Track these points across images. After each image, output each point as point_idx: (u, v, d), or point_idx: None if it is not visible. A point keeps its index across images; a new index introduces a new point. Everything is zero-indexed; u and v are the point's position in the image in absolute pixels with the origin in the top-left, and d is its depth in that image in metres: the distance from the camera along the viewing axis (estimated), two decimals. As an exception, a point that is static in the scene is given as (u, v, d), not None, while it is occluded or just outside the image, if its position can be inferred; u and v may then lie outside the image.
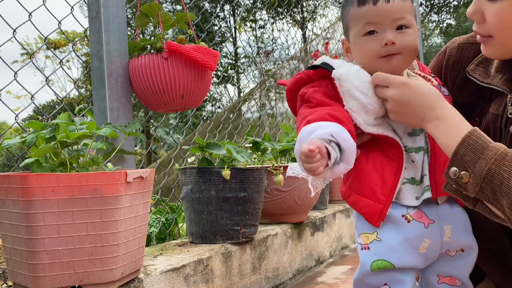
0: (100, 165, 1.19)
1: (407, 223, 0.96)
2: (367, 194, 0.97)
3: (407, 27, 0.95)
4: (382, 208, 0.95)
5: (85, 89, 10.96)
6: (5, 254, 1.10)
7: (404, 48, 0.95)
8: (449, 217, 0.99)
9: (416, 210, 0.97)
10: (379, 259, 0.97)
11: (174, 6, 9.81)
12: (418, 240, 0.96)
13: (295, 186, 2.03)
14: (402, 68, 0.99)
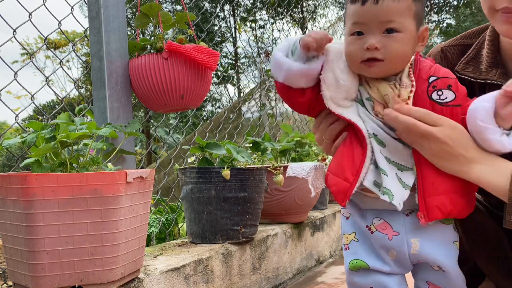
0: (100, 165, 1.19)
1: (371, 233, 0.96)
2: (338, 172, 0.94)
3: (396, 31, 0.87)
4: (348, 186, 0.91)
5: (85, 89, 10.97)
6: (5, 254, 1.10)
7: (389, 55, 0.88)
8: (418, 230, 0.93)
9: (381, 221, 0.95)
10: (355, 258, 0.98)
11: (174, 6, 9.82)
12: (384, 249, 0.95)
13: (295, 186, 2.03)
14: (383, 75, 0.92)
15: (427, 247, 0.93)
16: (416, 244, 0.93)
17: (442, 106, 0.91)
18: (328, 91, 0.93)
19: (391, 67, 0.90)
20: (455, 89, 0.92)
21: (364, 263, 0.97)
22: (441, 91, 0.92)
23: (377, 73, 0.91)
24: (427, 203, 0.89)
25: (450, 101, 0.91)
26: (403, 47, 0.88)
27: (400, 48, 0.88)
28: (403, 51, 0.89)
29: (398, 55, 0.89)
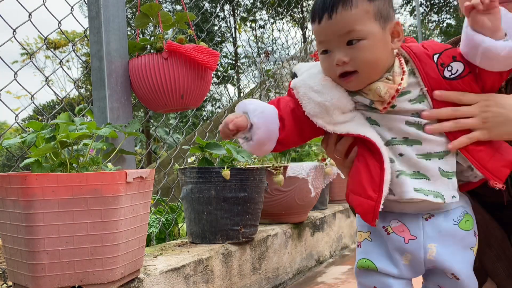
0: (100, 165, 1.19)
1: (387, 235, 0.93)
2: (359, 191, 0.91)
3: (359, 40, 0.84)
4: (374, 205, 0.88)
5: (85, 89, 10.97)
6: (5, 254, 1.10)
7: (359, 66, 0.85)
8: (437, 235, 0.91)
9: (399, 223, 0.92)
10: (365, 257, 0.96)
11: (174, 6, 9.82)
12: (398, 252, 0.93)
13: (295, 186, 2.02)
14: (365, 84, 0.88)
15: (444, 254, 0.91)
16: (433, 250, 0.91)
17: (458, 80, 0.88)
18: (320, 119, 0.90)
19: (367, 76, 0.87)
20: (460, 58, 0.88)
21: (373, 264, 0.95)
22: (450, 66, 0.88)
23: (357, 86, 0.89)
24: (490, 169, 0.87)
25: (462, 72, 0.88)
26: (371, 53, 0.85)
27: (368, 55, 0.85)
28: (372, 57, 0.85)
29: (368, 63, 0.86)
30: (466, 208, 0.94)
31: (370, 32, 0.84)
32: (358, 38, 0.84)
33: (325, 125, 0.90)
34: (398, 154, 0.89)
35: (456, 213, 0.92)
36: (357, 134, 0.89)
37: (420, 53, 0.90)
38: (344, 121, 0.90)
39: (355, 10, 0.84)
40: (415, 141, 0.88)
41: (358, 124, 0.91)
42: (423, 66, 0.89)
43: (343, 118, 0.90)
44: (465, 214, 0.93)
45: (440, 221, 0.91)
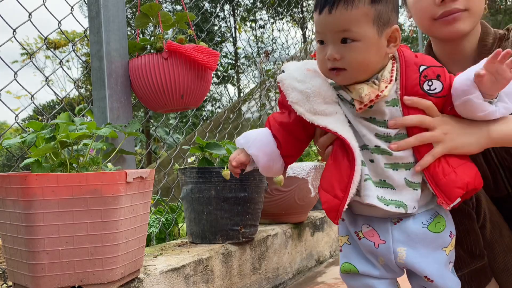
0: (100, 165, 1.19)
1: (359, 240, 0.96)
2: (327, 189, 0.92)
3: (353, 40, 0.85)
4: (339, 204, 0.89)
5: (85, 89, 10.97)
6: (5, 254, 1.10)
7: (349, 65, 0.87)
8: (406, 239, 0.92)
9: (369, 228, 0.94)
10: (346, 261, 0.99)
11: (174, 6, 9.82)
12: (372, 255, 0.96)
13: (295, 186, 2.03)
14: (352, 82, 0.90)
15: (414, 257, 0.92)
16: (402, 254, 0.92)
17: (431, 97, 0.90)
18: (301, 106, 0.91)
19: (355, 75, 0.89)
20: (443, 79, 0.91)
21: (354, 267, 0.97)
22: (431, 81, 0.90)
23: (343, 82, 0.90)
24: (442, 187, 0.88)
25: (438, 92, 0.91)
26: (363, 55, 0.86)
27: (359, 57, 0.86)
28: (362, 59, 0.87)
29: (358, 63, 0.87)
30: (439, 210, 0.95)
31: (364, 35, 0.86)
32: (352, 38, 0.86)
33: (305, 113, 0.91)
34: (369, 160, 0.91)
35: (426, 216, 0.93)
36: (334, 131, 0.90)
37: (409, 58, 0.92)
38: (324, 112, 0.91)
39: (355, 11, 0.84)
40: (386, 151, 0.90)
41: (338, 121, 0.91)
42: (407, 71, 0.90)
43: (324, 108, 0.91)
44: (436, 216, 0.94)
45: (408, 225, 0.92)
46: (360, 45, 0.86)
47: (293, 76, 0.93)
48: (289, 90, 0.92)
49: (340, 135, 0.89)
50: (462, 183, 0.88)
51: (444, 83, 0.91)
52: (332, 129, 0.90)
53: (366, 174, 0.90)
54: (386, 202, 0.89)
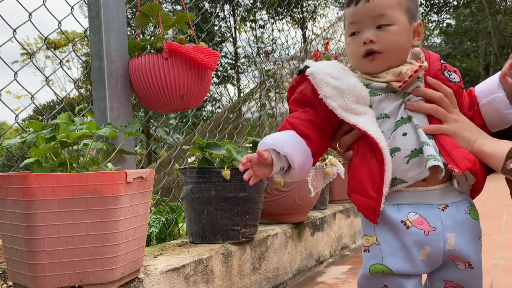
0: (100, 165, 1.19)
1: (406, 229, 0.93)
2: (360, 191, 0.94)
3: (388, 25, 0.94)
4: (375, 204, 0.91)
5: (85, 89, 10.97)
6: (5, 254, 1.10)
7: (385, 47, 0.94)
8: (454, 225, 0.94)
9: (417, 216, 0.93)
10: (377, 263, 0.96)
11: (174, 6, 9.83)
12: (417, 247, 0.93)
13: (295, 186, 2.03)
14: (386, 67, 0.96)
15: (462, 243, 0.94)
16: (452, 240, 0.93)
17: (451, 83, 0.99)
18: (334, 101, 0.93)
19: (391, 58, 0.95)
20: (459, 74, 1.01)
21: (387, 268, 0.95)
22: (450, 72, 1.00)
23: (379, 66, 0.96)
24: (453, 156, 0.92)
25: (457, 82, 1.00)
26: (398, 38, 0.94)
27: (394, 39, 0.94)
28: (398, 42, 0.95)
29: (394, 46, 0.94)
30: (471, 200, 0.99)
31: (399, 20, 0.94)
32: (388, 23, 0.94)
33: (337, 108, 0.93)
34: (403, 134, 0.94)
35: (465, 203, 0.97)
36: (363, 130, 0.92)
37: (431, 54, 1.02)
38: (355, 111, 0.94)
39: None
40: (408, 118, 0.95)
41: (368, 120, 0.94)
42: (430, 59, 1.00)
43: (356, 107, 0.94)
44: (472, 205, 0.98)
45: (454, 211, 0.95)
46: (396, 28, 0.94)
47: (326, 71, 0.96)
48: (321, 84, 0.94)
49: (369, 134, 0.92)
50: (470, 158, 0.93)
51: (460, 77, 1.01)
52: (362, 127, 0.92)
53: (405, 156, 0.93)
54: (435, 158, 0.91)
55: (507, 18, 14.27)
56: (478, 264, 0.96)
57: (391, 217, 0.94)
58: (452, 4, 15.96)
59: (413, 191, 0.94)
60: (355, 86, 0.94)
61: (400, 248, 0.94)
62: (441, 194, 0.94)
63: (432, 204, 0.94)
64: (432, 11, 16.10)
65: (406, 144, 0.93)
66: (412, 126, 0.94)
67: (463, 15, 15.45)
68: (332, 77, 0.94)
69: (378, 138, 0.91)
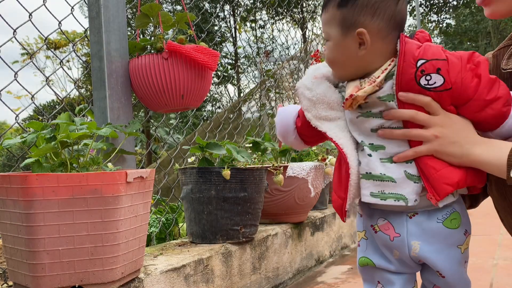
0: (101, 165, 1.19)
1: (375, 233, 0.98)
2: (335, 189, 1.00)
3: (327, 40, 0.96)
4: (342, 203, 0.96)
5: (85, 89, 10.97)
6: (5, 254, 1.11)
7: (326, 60, 0.98)
8: (420, 233, 0.93)
9: (385, 222, 0.96)
10: (363, 256, 1.02)
11: (174, 6, 9.83)
12: (387, 249, 0.97)
13: (295, 186, 2.03)
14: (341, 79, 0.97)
15: (427, 251, 0.93)
16: (416, 247, 0.93)
17: (430, 91, 0.88)
18: (309, 113, 0.98)
19: (337, 71, 0.97)
20: (444, 72, 0.86)
21: (371, 261, 1.00)
22: (429, 75, 0.87)
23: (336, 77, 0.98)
24: (432, 182, 0.88)
25: (438, 86, 0.87)
26: (331, 54, 0.95)
27: (328, 54, 0.96)
28: (331, 57, 0.95)
29: (329, 61, 0.96)
30: (456, 207, 0.95)
31: (331, 35, 0.94)
32: (326, 38, 0.96)
33: (311, 119, 0.98)
34: (368, 155, 0.93)
35: (442, 211, 0.93)
36: (330, 137, 0.96)
37: (409, 51, 0.89)
38: (328, 118, 0.97)
39: (327, 15, 0.95)
40: (380, 146, 0.92)
41: (338, 127, 0.97)
42: (403, 66, 0.88)
43: (329, 113, 0.97)
44: (452, 212, 0.94)
45: (423, 219, 0.93)
46: (329, 44, 0.95)
47: (304, 84, 1.01)
48: (301, 98, 1.00)
49: (335, 141, 0.95)
50: (452, 181, 0.88)
51: (446, 76, 0.86)
52: (330, 135, 0.96)
53: (361, 173, 0.93)
54: (384, 196, 0.90)
55: (507, 18, 14.28)
56: (450, 273, 0.94)
57: (365, 222, 1.01)
58: (452, 4, 15.95)
59: None
60: (325, 94, 0.97)
61: (377, 248, 1.00)
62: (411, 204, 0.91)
63: (401, 212, 0.94)
64: (432, 11, 16.10)
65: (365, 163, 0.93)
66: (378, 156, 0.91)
67: (462, 15, 15.45)
68: (307, 88, 0.99)
69: (342, 145, 0.94)
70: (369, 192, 0.92)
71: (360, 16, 0.90)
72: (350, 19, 0.90)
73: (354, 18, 0.90)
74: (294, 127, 1.06)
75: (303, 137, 1.07)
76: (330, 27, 0.93)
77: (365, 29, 0.88)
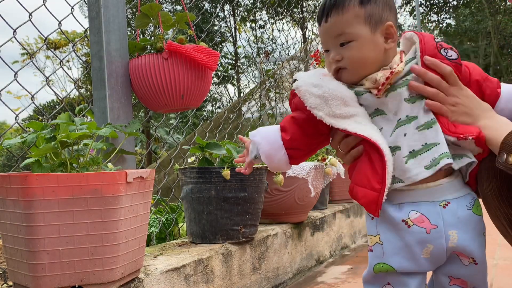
0: (100, 165, 1.19)
1: (407, 228, 0.94)
2: (363, 183, 0.95)
3: (349, 41, 0.94)
4: (377, 196, 0.92)
5: (85, 89, 10.98)
6: (5, 254, 1.11)
7: (349, 63, 0.95)
8: (456, 221, 0.93)
9: (418, 214, 0.93)
10: (380, 262, 0.97)
11: (174, 6, 9.83)
12: (419, 245, 0.94)
13: (295, 186, 2.03)
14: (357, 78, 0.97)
15: (465, 239, 0.93)
16: (454, 237, 0.93)
17: (450, 61, 0.97)
18: (320, 111, 0.95)
19: (356, 72, 0.96)
20: (456, 51, 0.99)
21: (390, 267, 0.96)
22: (446, 50, 0.98)
23: (349, 79, 0.98)
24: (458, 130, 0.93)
25: (455, 59, 0.98)
26: (358, 53, 0.94)
27: (355, 54, 0.95)
28: (359, 56, 0.95)
29: (356, 60, 0.95)
30: (474, 195, 0.98)
31: (358, 34, 0.94)
32: (348, 40, 0.95)
33: (324, 117, 0.95)
34: (403, 134, 0.94)
35: (467, 199, 0.96)
36: (353, 132, 0.94)
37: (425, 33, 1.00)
38: (343, 115, 0.95)
39: (346, 15, 0.94)
40: (414, 117, 0.95)
41: (358, 122, 0.95)
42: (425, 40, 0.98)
43: (344, 110, 0.95)
44: (476, 199, 0.97)
45: (456, 208, 0.94)
46: (355, 44, 0.94)
47: (308, 82, 0.98)
48: (306, 96, 0.96)
49: (360, 134, 0.93)
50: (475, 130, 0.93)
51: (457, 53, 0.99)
52: (352, 130, 0.94)
53: (404, 156, 0.93)
54: (437, 161, 0.91)
55: (507, 18, 14.27)
56: (482, 260, 0.96)
57: (392, 217, 0.95)
58: (452, 4, 15.96)
59: (413, 189, 0.94)
60: (337, 90, 0.96)
61: (403, 247, 0.95)
62: (442, 190, 0.94)
63: (434, 202, 0.94)
64: (432, 11, 16.10)
65: (406, 144, 0.93)
66: (414, 126, 0.94)
67: (463, 15, 15.45)
68: (314, 86, 0.97)
69: (369, 135, 0.93)
70: (423, 167, 0.92)
71: (384, 11, 0.96)
72: (377, 14, 0.95)
73: (380, 13, 0.95)
74: (282, 143, 1.02)
75: (292, 152, 1.02)
76: (353, 27, 0.94)
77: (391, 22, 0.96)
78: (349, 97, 0.96)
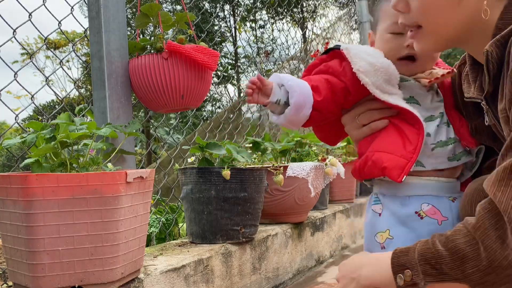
0: (100, 165, 1.19)
1: (420, 219, 0.96)
2: (391, 150, 0.96)
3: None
4: (406, 163, 0.93)
5: (85, 89, 10.97)
6: (5, 254, 1.10)
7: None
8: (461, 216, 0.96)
9: (430, 206, 0.96)
10: None
11: (174, 6, 9.82)
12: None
13: (295, 186, 2.03)
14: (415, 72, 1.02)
15: None
16: None
17: None
18: (367, 77, 0.95)
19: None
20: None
21: None
22: None
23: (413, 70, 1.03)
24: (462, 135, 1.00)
25: None
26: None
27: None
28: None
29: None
30: None
31: None
32: None
33: (369, 84, 0.95)
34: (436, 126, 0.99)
35: None
36: (403, 107, 0.97)
37: None
38: (384, 90, 0.98)
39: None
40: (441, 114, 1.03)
41: (399, 99, 1.00)
42: None
43: (387, 88, 0.98)
44: None
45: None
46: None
47: (361, 49, 0.98)
48: (357, 59, 0.96)
49: (398, 105, 0.97)
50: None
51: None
52: (392, 102, 0.97)
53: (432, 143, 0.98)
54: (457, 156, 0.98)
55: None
56: None
57: (403, 209, 0.97)
58: (452, 4, 15.93)
59: (426, 180, 0.97)
60: (389, 65, 0.98)
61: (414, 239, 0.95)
62: (449, 187, 0.99)
63: (442, 196, 0.98)
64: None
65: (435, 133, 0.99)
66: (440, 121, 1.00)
67: (463, 15, 15.43)
68: (368, 54, 0.98)
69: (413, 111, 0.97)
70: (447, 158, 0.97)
71: None
72: None
73: None
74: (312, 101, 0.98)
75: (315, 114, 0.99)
76: None
77: None
78: (394, 77, 0.98)
